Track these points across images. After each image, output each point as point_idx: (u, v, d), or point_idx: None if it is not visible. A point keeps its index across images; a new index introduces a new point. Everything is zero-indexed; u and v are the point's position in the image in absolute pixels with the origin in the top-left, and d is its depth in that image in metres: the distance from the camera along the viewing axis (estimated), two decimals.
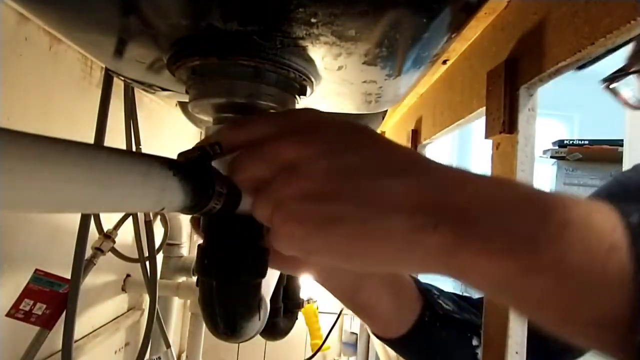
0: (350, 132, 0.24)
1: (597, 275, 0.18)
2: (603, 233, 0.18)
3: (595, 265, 0.18)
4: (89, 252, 0.76)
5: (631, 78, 0.41)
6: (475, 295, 0.47)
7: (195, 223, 0.33)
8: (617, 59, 0.39)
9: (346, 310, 1.16)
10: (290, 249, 0.23)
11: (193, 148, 0.26)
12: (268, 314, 0.39)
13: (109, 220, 0.82)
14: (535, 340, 0.35)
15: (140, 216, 0.83)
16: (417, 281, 0.42)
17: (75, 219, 0.62)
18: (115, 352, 1.04)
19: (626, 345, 0.17)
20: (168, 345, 1.01)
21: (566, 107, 3.40)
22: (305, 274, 0.37)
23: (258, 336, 0.39)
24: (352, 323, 1.67)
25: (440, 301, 0.42)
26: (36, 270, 0.67)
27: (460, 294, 0.47)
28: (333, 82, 0.39)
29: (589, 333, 0.19)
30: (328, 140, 0.23)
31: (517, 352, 0.36)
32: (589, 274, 0.18)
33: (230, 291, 0.31)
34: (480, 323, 0.41)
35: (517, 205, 0.20)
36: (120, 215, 0.85)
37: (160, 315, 0.92)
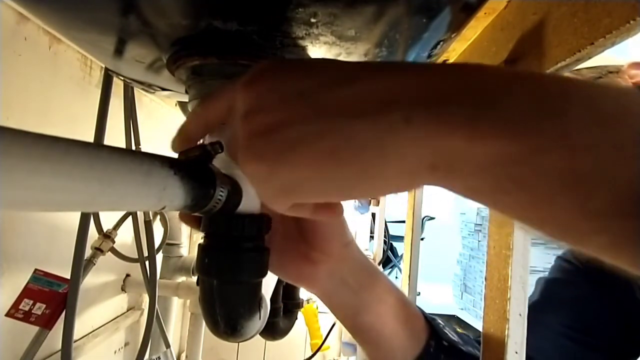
0: (298, 64, 0.22)
1: (611, 148, 0.15)
2: (612, 101, 0.15)
3: (607, 136, 0.15)
4: (88, 252, 0.76)
5: None
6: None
7: (186, 219, 0.32)
8: None
9: None
10: (265, 194, 0.21)
11: (194, 147, 0.26)
12: (268, 313, 0.39)
13: (108, 220, 0.82)
14: None
15: (140, 216, 0.83)
16: (421, 310, 0.40)
17: (74, 218, 0.62)
18: (115, 352, 1.04)
19: None
20: (168, 345, 1.01)
21: None
22: (306, 287, 0.35)
23: (258, 336, 0.39)
24: None
25: (446, 331, 0.39)
26: (36, 270, 0.67)
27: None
28: None
29: (605, 228, 0.15)
30: (276, 76, 0.21)
31: (516, 352, 0.36)
32: (602, 148, 0.15)
33: (231, 291, 0.31)
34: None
35: (506, 79, 0.16)
36: (119, 214, 0.85)
37: (160, 315, 0.92)
